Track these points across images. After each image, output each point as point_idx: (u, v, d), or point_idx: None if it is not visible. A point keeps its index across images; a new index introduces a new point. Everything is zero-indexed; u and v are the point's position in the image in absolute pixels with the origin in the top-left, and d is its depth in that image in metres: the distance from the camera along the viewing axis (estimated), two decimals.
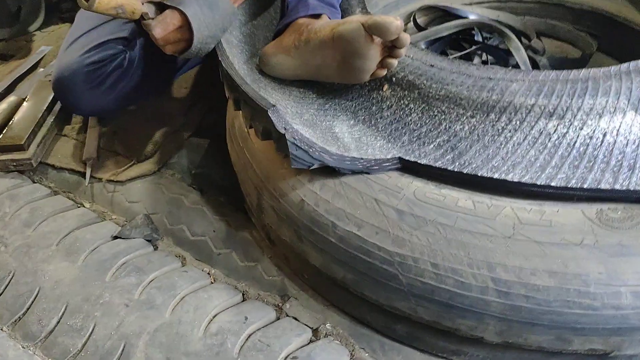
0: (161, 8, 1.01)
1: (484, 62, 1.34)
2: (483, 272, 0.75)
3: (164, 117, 1.47)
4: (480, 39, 1.32)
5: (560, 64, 1.33)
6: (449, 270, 0.76)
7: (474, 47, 1.30)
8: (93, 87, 1.24)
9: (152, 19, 0.99)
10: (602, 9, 1.35)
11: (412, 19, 1.37)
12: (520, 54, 1.20)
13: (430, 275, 0.78)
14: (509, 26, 1.30)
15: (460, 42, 1.35)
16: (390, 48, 0.91)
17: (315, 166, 0.85)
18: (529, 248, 0.74)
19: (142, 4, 0.99)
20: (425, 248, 0.78)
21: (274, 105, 0.88)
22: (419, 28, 1.35)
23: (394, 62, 0.92)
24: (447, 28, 1.29)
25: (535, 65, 1.29)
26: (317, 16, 1.04)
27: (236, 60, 1.04)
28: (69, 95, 1.25)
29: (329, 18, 1.05)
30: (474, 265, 0.75)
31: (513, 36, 1.24)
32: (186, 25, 0.98)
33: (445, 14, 1.36)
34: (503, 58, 1.26)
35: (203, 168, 1.31)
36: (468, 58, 1.33)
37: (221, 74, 1.04)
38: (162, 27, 0.98)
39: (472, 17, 1.34)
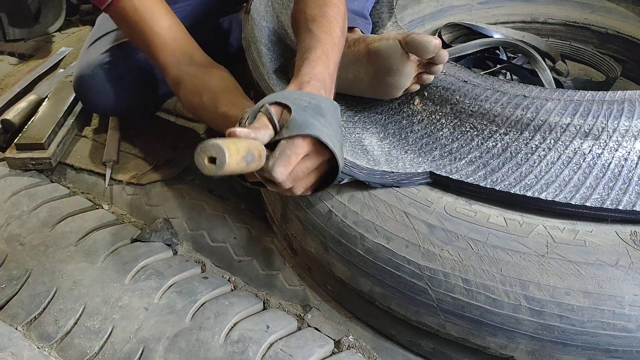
0: (272, 146, 0.74)
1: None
2: (516, 289, 0.74)
3: (185, 122, 1.48)
4: (505, 58, 1.33)
5: (584, 86, 1.34)
6: (480, 286, 0.76)
7: (499, 66, 1.30)
8: (113, 85, 1.24)
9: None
10: (627, 34, 1.36)
11: (437, 35, 1.38)
12: (545, 75, 1.21)
13: (460, 291, 0.77)
14: (534, 47, 1.31)
15: (485, 61, 1.35)
16: (427, 64, 0.91)
17: (345, 181, 0.85)
18: (563, 267, 0.73)
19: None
20: (456, 263, 0.77)
21: None
22: (444, 45, 1.35)
23: (430, 77, 0.92)
24: (472, 46, 1.29)
25: (559, 87, 1.29)
26: (350, 29, 1.05)
27: (265, 70, 1.04)
28: (89, 93, 1.26)
29: (361, 31, 1.05)
30: (507, 282, 0.74)
31: (538, 56, 1.24)
32: (314, 149, 0.74)
33: (470, 32, 1.37)
34: (528, 78, 1.26)
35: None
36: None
37: (252, 84, 1.04)
38: (284, 164, 0.71)
39: (497, 36, 1.34)
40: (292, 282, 1.04)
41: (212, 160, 0.61)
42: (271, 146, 0.73)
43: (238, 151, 0.63)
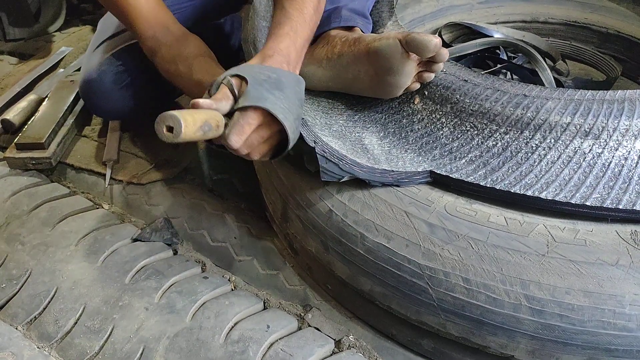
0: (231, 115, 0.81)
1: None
2: (516, 289, 0.74)
3: None
4: (505, 58, 1.33)
5: (585, 86, 1.34)
6: (480, 285, 0.76)
7: (499, 66, 1.30)
8: (121, 89, 1.23)
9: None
10: (628, 33, 1.36)
11: (437, 35, 1.38)
12: (546, 74, 1.20)
13: (461, 290, 0.77)
14: (534, 47, 1.31)
15: (486, 60, 1.35)
16: (427, 63, 0.91)
17: (345, 179, 0.85)
18: (563, 266, 0.73)
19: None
20: (456, 262, 0.77)
21: (302, 119, 0.88)
22: (445, 45, 1.35)
23: (431, 76, 0.92)
24: (473, 45, 1.29)
25: (560, 87, 1.29)
26: (349, 28, 1.05)
27: None
28: (96, 97, 1.25)
29: (362, 30, 1.05)
30: (507, 281, 0.74)
31: (539, 56, 1.24)
32: (266, 120, 0.79)
33: (470, 32, 1.37)
34: (528, 77, 1.26)
35: (224, 174, 1.30)
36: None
37: None
38: (237, 133, 0.77)
39: (497, 35, 1.34)
40: (292, 282, 1.04)
41: (170, 129, 0.68)
42: (231, 115, 0.79)
43: (195, 122, 0.70)
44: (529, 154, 0.85)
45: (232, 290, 1.02)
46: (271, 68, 0.83)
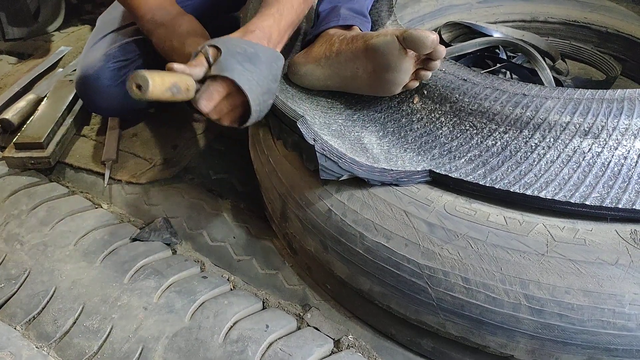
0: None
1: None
2: (516, 288, 0.74)
3: (185, 121, 1.47)
4: (504, 57, 1.33)
5: (584, 85, 1.34)
6: (480, 285, 0.75)
7: (499, 65, 1.30)
8: (117, 86, 1.24)
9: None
10: (627, 33, 1.36)
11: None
12: (545, 74, 1.21)
13: (460, 290, 0.77)
14: (534, 46, 1.31)
15: (485, 60, 1.35)
16: (425, 60, 0.90)
17: (344, 177, 0.85)
18: (563, 266, 0.73)
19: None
20: (456, 262, 0.77)
21: (302, 116, 0.88)
22: (444, 44, 1.35)
23: (428, 74, 0.92)
24: (472, 45, 1.29)
25: (559, 86, 1.29)
26: (348, 27, 1.04)
27: None
28: (92, 93, 1.25)
29: (360, 29, 1.05)
30: (507, 281, 0.74)
31: (538, 55, 1.24)
32: (234, 89, 0.84)
33: (470, 32, 1.37)
34: (528, 77, 1.26)
35: (223, 174, 1.30)
36: None
37: None
38: (207, 98, 0.83)
39: (496, 35, 1.34)
40: (291, 282, 1.04)
41: (139, 87, 0.73)
42: (204, 82, 0.85)
43: (163, 83, 0.75)
44: (528, 153, 0.84)
45: (231, 289, 1.02)
46: (250, 42, 0.88)
